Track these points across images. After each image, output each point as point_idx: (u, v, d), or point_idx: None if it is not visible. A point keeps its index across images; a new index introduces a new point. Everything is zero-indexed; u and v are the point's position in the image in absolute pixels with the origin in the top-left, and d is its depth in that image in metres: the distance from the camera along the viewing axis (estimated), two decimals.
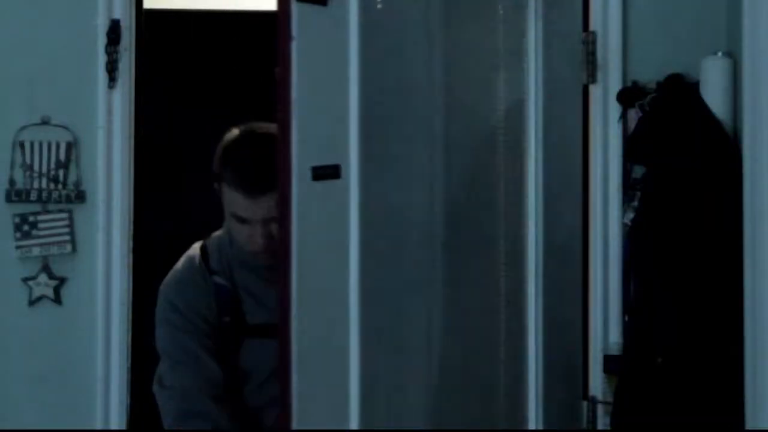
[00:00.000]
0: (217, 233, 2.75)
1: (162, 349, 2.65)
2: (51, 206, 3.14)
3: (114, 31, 3.10)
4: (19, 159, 3.11)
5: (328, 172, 2.71)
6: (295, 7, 2.69)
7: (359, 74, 2.74)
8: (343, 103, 2.73)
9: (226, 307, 2.62)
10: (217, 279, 2.65)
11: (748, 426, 2.61)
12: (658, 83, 3.14)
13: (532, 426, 3.12)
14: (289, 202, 2.64)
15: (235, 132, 2.71)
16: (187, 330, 2.59)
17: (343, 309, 2.69)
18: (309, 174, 2.66)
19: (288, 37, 2.70)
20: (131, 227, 3.17)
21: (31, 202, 3.11)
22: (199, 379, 2.57)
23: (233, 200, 2.60)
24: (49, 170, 3.11)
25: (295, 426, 2.59)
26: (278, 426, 2.59)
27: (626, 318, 3.14)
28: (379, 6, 2.81)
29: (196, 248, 2.71)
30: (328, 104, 2.74)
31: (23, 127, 3.10)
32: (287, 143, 2.68)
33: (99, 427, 3.19)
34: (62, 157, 3.11)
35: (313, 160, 2.67)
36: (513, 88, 3.15)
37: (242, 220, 2.60)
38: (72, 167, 3.11)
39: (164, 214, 4.12)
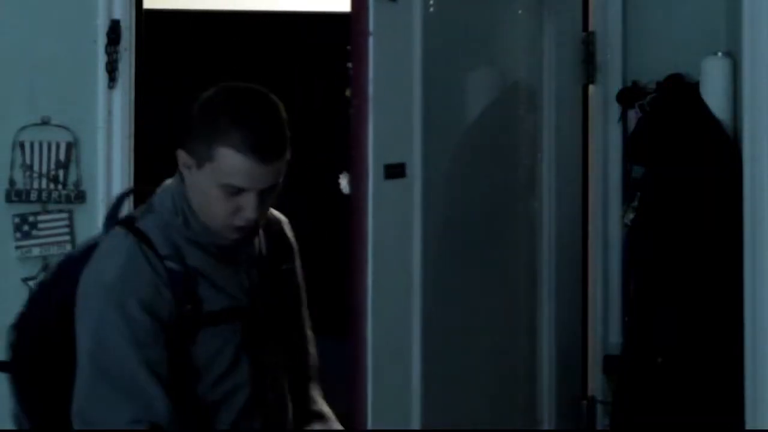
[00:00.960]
0: (141, 214, 2.32)
1: (99, 369, 2.15)
2: (51, 206, 3.13)
3: (114, 31, 3.10)
4: (19, 159, 3.11)
5: (396, 171, 2.73)
6: (372, 2, 2.67)
7: (422, 70, 2.77)
8: (408, 99, 2.76)
9: (184, 295, 2.25)
10: (169, 264, 2.25)
11: (748, 426, 2.61)
12: (658, 83, 3.14)
13: (545, 425, 3.14)
14: (366, 200, 2.66)
15: (230, 88, 2.29)
16: (137, 342, 2.17)
17: (409, 304, 2.76)
18: (382, 172, 2.68)
19: (365, 33, 2.67)
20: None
21: (31, 202, 3.11)
22: (144, 414, 2.13)
23: (233, 167, 2.22)
24: (49, 170, 3.11)
25: (370, 426, 2.59)
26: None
27: (626, 318, 3.14)
28: (431, 9, 2.82)
29: (125, 234, 2.25)
30: (397, 100, 2.74)
31: (23, 127, 3.10)
32: (364, 140, 2.67)
33: None
34: (62, 157, 3.11)
35: (384, 158, 2.70)
36: (531, 88, 3.18)
37: (237, 191, 2.22)
38: (72, 167, 3.11)
39: None
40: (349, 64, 2.73)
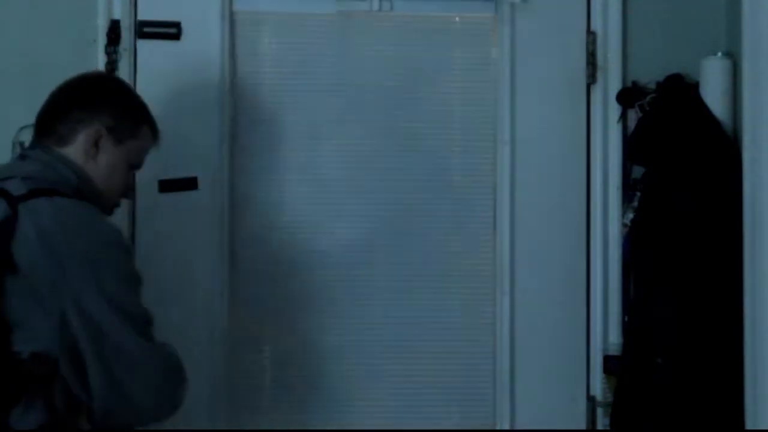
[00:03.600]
0: (52, 185, 2.36)
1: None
2: None
3: (114, 31, 3.10)
4: None
5: (181, 184, 3.07)
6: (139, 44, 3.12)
7: (230, 92, 3.14)
8: (209, 119, 3.11)
9: None
10: None
11: (748, 426, 2.61)
12: (658, 84, 3.14)
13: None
14: (132, 213, 3.05)
15: (109, 75, 2.70)
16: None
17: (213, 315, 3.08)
18: (156, 186, 3.04)
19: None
20: (131, 227, 3.17)
21: None
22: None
23: (147, 145, 2.54)
24: None
25: None
26: None
27: (626, 318, 3.14)
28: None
29: (74, 200, 2.34)
30: (191, 121, 3.08)
31: (23, 127, 3.10)
32: None
33: None
34: None
35: (167, 173, 3.05)
36: (477, 96, 3.23)
37: (135, 167, 2.53)
38: None
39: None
40: None
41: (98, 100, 2.47)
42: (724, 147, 2.99)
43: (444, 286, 3.20)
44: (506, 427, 3.18)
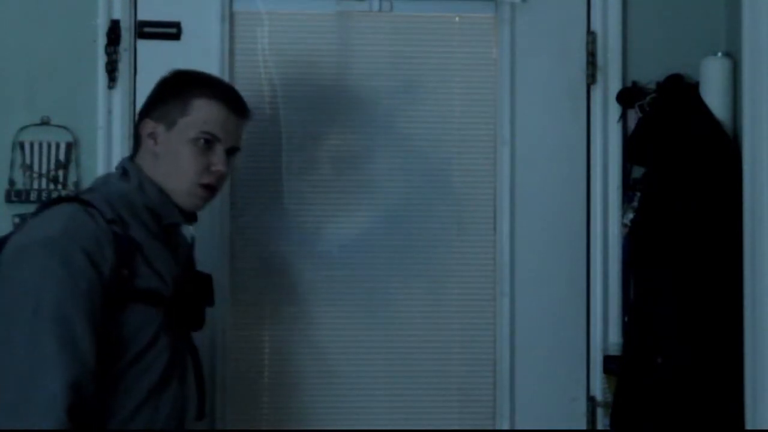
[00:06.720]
0: (82, 193, 2.41)
1: (39, 323, 2.12)
2: None
3: (114, 31, 3.10)
4: (19, 159, 3.11)
5: None
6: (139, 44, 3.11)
7: None
8: None
9: (123, 260, 2.23)
10: (114, 228, 2.26)
11: (748, 426, 2.61)
12: (658, 84, 3.14)
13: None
14: None
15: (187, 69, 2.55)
16: (80, 293, 2.16)
17: None
18: None
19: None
20: None
21: (31, 202, 3.11)
22: (78, 373, 2.13)
23: (210, 113, 2.40)
24: (49, 170, 3.11)
25: None
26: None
27: (626, 318, 3.14)
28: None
29: (67, 203, 2.29)
30: None
31: (23, 128, 3.10)
32: None
33: None
34: (62, 157, 3.11)
35: None
36: (477, 96, 3.24)
37: (208, 145, 2.39)
38: (72, 168, 3.11)
39: None
40: None
41: (146, 100, 2.51)
42: (724, 147, 2.99)
43: (444, 286, 3.21)
44: (506, 427, 3.19)
